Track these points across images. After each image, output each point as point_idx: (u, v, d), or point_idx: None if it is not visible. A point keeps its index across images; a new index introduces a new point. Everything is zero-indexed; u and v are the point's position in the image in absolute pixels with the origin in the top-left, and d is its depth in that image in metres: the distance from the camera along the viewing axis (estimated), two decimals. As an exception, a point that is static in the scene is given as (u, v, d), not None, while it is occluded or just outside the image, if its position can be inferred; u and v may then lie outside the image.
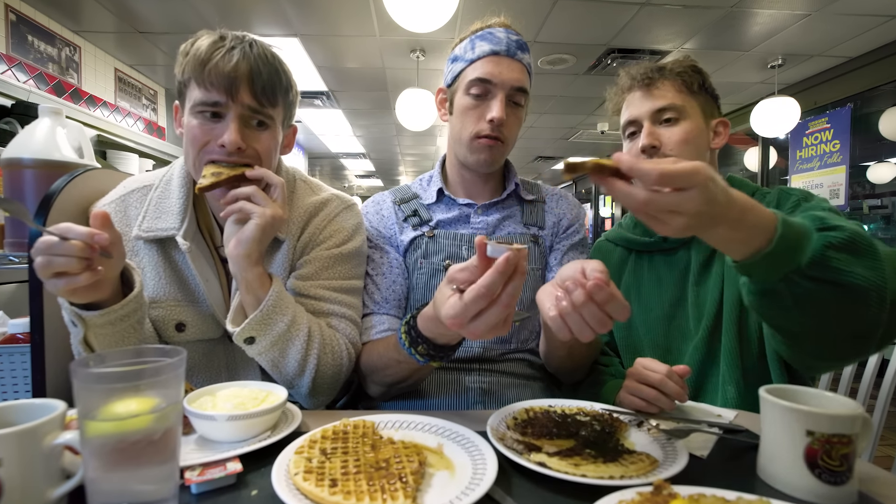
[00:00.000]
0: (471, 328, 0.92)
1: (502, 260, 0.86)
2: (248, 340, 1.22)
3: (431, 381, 1.45)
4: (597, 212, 13.43)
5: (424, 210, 1.59)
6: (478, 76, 1.45)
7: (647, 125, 1.45)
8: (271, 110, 1.29)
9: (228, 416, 0.95)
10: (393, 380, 1.33)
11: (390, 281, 1.51)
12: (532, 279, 1.52)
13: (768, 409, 0.88)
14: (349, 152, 11.30)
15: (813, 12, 4.55)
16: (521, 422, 1.07)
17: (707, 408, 1.24)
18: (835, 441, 0.81)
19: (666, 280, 1.54)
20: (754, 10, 4.53)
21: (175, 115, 1.36)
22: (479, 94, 1.46)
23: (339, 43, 5.32)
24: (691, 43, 5.21)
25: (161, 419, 0.70)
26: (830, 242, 0.93)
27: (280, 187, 1.24)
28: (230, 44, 1.27)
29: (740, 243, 0.93)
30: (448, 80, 1.56)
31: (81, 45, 5.14)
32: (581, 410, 1.15)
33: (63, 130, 1.97)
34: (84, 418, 0.68)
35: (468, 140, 1.49)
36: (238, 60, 1.23)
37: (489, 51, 1.46)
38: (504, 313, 0.90)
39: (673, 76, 1.46)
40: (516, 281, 0.88)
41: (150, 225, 1.34)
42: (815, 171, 6.11)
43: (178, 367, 0.73)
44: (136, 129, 5.93)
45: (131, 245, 1.35)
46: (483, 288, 0.87)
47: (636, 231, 1.63)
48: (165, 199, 1.37)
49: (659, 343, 1.52)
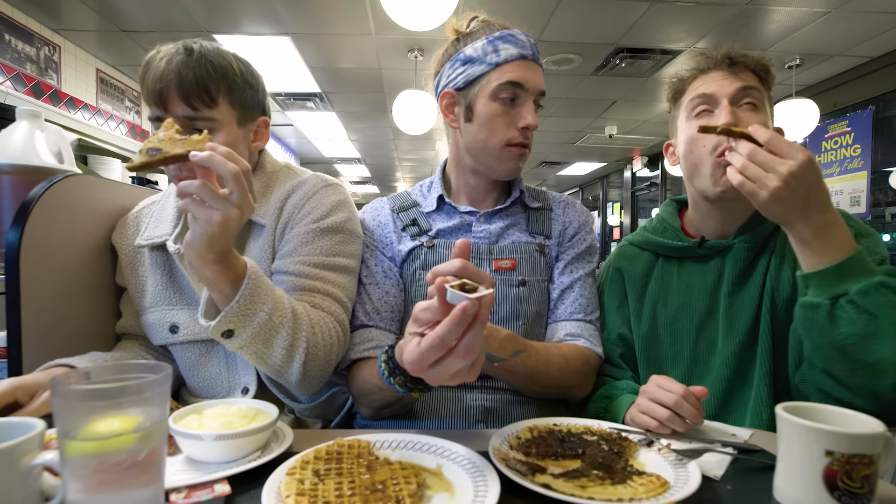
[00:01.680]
0: (430, 375, 0.91)
1: (458, 310, 0.83)
2: (226, 334, 1.17)
3: (430, 399, 1.45)
4: (605, 220, 13.45)
5: (424, 219, 1.58)
6: (510, 80, 1.43)
7: (726, 104, 1.41)
8: (210, 111, 1.32)
9: (216, 436, 0.95)
10: (379, 405, 1.33)
11: (382, 291, 1.51)
12: (537, 291, 1.52)
13: (785, 427, 0.88)
14: (343, 157, 11.33)
15: (832, 10, 4.57)
16: (524, 441, 1.08)
17: (721, 426, 1.24)
18: (855, 461, 0.80)
19: (697, 289, 1.52)
20: (770, 8, 4.55)
21: None
22: (511, 99, 1.45)
23: (333, 42, 5.34)
24: (704, 42, 5.24)
25: (145, 439, 0.70)
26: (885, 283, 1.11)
27: (234, 177, 1.04)
28: (164, 54, 1.29)
29: (818, 249, 1.15)
30: (459, 84, 1.51)
31: (61, 45, 5.16)
32: (588, 429, 1.15)
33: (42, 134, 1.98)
34: (64, 438, 0.68)
35: (497, 149, 1.48)
36: (164, 70, 1.26)
37: (518, 55, 1.45)
38: (463, 363, 0.88)
39: (757, 66, 1.46)
40: (475, 331, 0.86)
41: (149, 233, 1.47)
42: (834, 177, 6.13)
43: (163, 384, 0.74)
44: (118, 132, 5.96)
45: (132, 256, 1.50)
46: (437, 338, 0.85)
47: (667, 235, 1.61)
48: (164, 209, 1.51)
49: (684, 356, 1.51)
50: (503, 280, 1.49)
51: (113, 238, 1.56)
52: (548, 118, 8.12)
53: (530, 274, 1.51)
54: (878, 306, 1.08)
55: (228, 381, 1.46)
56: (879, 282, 1.09)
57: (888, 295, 1.09)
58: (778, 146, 1.12)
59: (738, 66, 1.44)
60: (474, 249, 1.51)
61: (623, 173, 12.07)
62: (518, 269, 1.51)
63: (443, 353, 0.87)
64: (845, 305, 1.11)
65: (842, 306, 1.12)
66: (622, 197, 12.34)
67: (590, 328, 1.52)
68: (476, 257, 1.50)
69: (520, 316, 1.49)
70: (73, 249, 1.47)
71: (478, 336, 0.86)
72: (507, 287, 1.49)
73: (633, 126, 8.66)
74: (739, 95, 1.41)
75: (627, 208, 11.97)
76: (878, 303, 1.08)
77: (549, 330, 1.54)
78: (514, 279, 1.50)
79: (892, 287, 1.10)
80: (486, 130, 1.47)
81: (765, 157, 1.12)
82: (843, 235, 1.13)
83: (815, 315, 1.15)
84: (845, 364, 1.14)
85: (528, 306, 1.49)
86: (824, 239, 1.13)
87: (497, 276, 1.49)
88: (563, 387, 1.42)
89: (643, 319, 1.57)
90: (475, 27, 1.52)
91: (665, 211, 1.69)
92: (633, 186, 11.77)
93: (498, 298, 1.48)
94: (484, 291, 0.86)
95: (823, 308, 1.13)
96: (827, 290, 1.13)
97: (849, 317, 1.11)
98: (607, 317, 1.64)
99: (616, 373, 1.55)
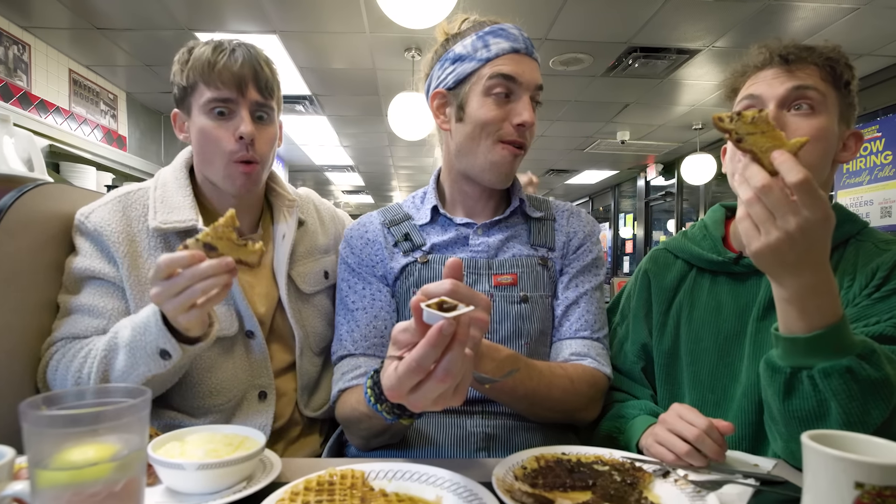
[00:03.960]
0: (411, 401, 0.91)
1: (433, 331, 0.83)
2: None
3: (429, 426, 1.44)
4: (616, 232, 13.45)
5: (417, 233, 1.58)
6: (502, 73, 1.44)
7: (773, 107, 1.34)
8: (273, 102, 1.57)
9: (198, 465, 0.96)
10: (369, 434, 1.34)
11: (371, 316, 1.51)
12: (541, 308, 1.52)
13: (812, 457, 0.88)
14: (335, 165, 11.35)
15: (861, 6, 4.59)
16: (531, 471, 1.08)
17: (743, 456, 1.24)
18: (887, 494, 0.80)
19: (726, 308, 1.49)
20: (795, 4, 4.58)
21: (174, 121, 1.60)
22: (505, 94, 1.45)
23: (324, 41, 5.38)
24: (723, 41, 5.28)
25: (122, 468, 0.70)
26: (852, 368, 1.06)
27: None
28: (230, 46, 1.50)
29: (799, 310, 1.07)
30: (450, 83, 1.52)
31: (31, 43, 5.19)
32: (599, 458, 1.15)
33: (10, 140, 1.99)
34: (35, 467, 0.68)
35: (488, 147, 1.48)
36: (243, 61, 1.49)
37: (509, 48, 1.45)
38: (444, 388, 0.88)
39: (822, 61, 1.35)
40: (453, 352, 0.86)
41: (164, 217, 1.50)
42: (863, 185, 6.15)
43: (142, 409, 0.74)
44: (93, 137, 5.99)
45: (140, 245, 1.50)
46: (413, 362, 0.85)
47: (704, 245, 1.57)
48: (169, 197, 1.55)
49: (702, 379, 1.49)
50: (503, 297, 1.49)
51: (92, 224, 1.46)
52: (555, 123, 8.13)
53: (533, 289, 1.52)
54: (834, 392, 1.06)
55: (250, 380, 1.56)
56: (846, 366, 1.05)
57: (850, 383, 1.05)
58: (803, 193, 0.97)
59: (799, 62, 1.36)
60: (472, 264, 1.51)
61: (636, 182, 12.10)
62: (519, 285, 1.51)
63: (421, 376, 0.87)
64: (804, 380, 1.09)
65: (800, 379, 1.09)
66: (635, 207, 12.37)
67: (597, 347, 1.51)
68: (474, 273, 1.50)
69: (522, 335, 1.48)
70: (45, 265, 1.47)
71: (458, 358, 0.86)
72: (507, 304, 1.49)
73: (646, 131, 8.69)
74: (791, 96, 1.34)
75: (641, 220, 11.97)
76: (837, 389, 1.05)
77: (553, 349, 1.54)
78: (516, 295, 1.49)
79: (858, 374, 1.05)
80: (479, 128, 1.47)
81: (777, 200, 0.99)
82: (830, 301, 1.06)
83: (773, 377, 1.14)
84: (788, 428, 1.14)
85: (530, 324, 1.49)
86: (809, 302, 1.06)
87: (497, 292, 1.49)
88: (568, 410, 1.43)
89: (666, 334, 1.56)
90: (466, 27, 1.54)
91: (710, 217, 1.65)
92: (648, 196, 11.79)
93: (498, 316, 1.48)
94: (463, 309, 0.86)
95: (782, 374, 1.11)
96: (791, 358, 1.10)
97: (804, 391, 1.09)
98: (632, 325, 1.63)
99: (637, 390, 1.55)
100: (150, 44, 5.42)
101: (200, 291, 1.13)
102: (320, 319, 1.71)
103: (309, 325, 1.67)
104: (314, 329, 1.68)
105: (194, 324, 1.23)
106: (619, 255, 13.31)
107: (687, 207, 10.66)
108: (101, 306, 1.44)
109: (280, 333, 1.64)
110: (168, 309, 1.18)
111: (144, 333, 1.24)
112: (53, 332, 1.44)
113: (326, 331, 1.70)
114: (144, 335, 1.24)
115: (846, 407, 1.05)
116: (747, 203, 1.03)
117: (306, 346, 1.65)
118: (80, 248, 1.48)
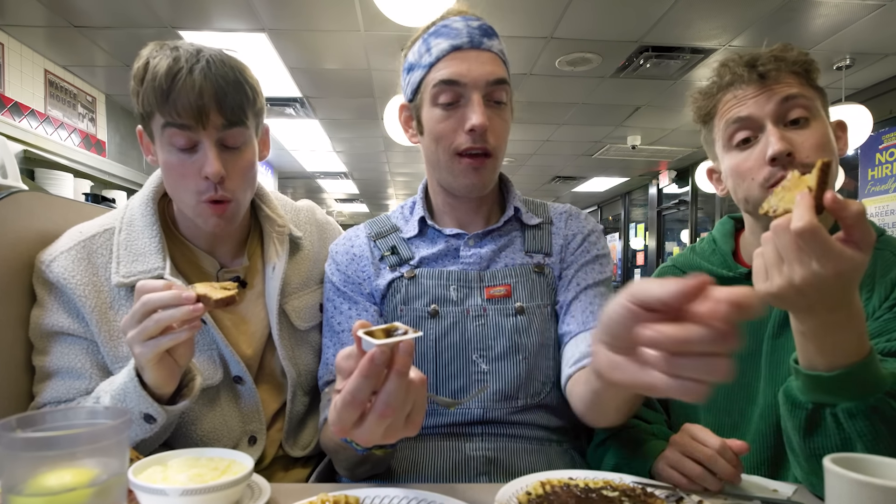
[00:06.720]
0: (357, 436, 0.89)
1: (365, 361, 0.81)
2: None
3: (426, 449, 1.44)
4: (626, 243, 13.43)
5: (404, 246, 1.57)
6: (441, 79, 1.41)
7: (772, 127, 1.34)
8: (246, 123, 1.41)
9: (182, 490, 0.96)
10: (348, 464, 1.33)
11: None
12: (539, 319, 1.50)
13: (834, 481, 0.88)
14: (328, 171, 11.36)
15: (887, 2, 4.60)
16: (535, 497, 1.08)
17: (761, 481, 1.23)
18: (914, 520, 0.81)
19: (739, 326, 1.46)
20: (817, 0, 4.59)
21: (140, 140, 1.47)
22: (449, 103, 1.42)
23: (316, 39, 5.39)
24: (740, 39, 5.30)
25: (101, 494, 0.70)
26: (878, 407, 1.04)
27: None
28: (187, 64, 1.32)
29: (818, 347, 1.04)
30: (409, 95, 1.52)
31: (4, 42, 5.21)
32: (608, 484, 1.15)
33: (-17, 145, 2.00)
34: (8, 493, 0.68)
35: (447, 161, 1.46)
36: (202, 84, 1.31)
37: (448, 47, 1.42)
38: (387, 422, 0.86)
39: (796, 66, 1.38)
40: (391, 384, 0.83)
41: (128, 270, 1.42)
42: (890, 193, 6.16)
43: (122, 431, 0.74)
44: (70, 142, 5.99)
45: (109, 297, 1.43)
46: (348, 395, 0.83)
47: (713, 260, 1.57)
48: (134, 241, 1.45)
49: (717, 402, 1.49)
50: (498, 310, 1.48)
51: (54, 275, 1.40)
52: (561, 127, 8.15)
53: (528, 300, 1.50)
54: (859, 434, 1.05)
55: (242, 427, 1.52)
56: (872, 406, 1.03)
57: (876, 424, 1.04)
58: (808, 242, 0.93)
59: (774, 73, 1.37)
60: (462, 277, 1.51)
61: (648, 190, 12.13)
62: (514, 296, 1.50)
63: (360, 409, 0.85)
64: (827, 417, 1.08)
65: (823, 416, 1.09)
66: (647, 217, 12.38)
67: None
68: (465, 286, 1.50)
69: (519, 350, 1.47)
70: (19, 277, 1.46)
71: (397, 389, 0.84)
72: (502, 318, 1.48)
73: (659, 136, 8.71)
74: (783, 110, 1.36)
75: (653, 230, 11.97)
76: (862, 430, 1.04)
77: (567, 350, 1.48)
78: (510, 307, 1.49)
79: (885, 413, 1.04)
80: (434, 142, 1.46)
81: (786, 244, 0.97)
82: (853, 338, 1.02)
83: (793, 412, 1.13)
84: (808, 463, 1.13)
85: (528, 338, 1.48)
86: (829, 338, 1.03)
87: (490, 305, 1.48)
88: None
89: None
90: (423, 29, 1.52)
91: (719, 230, 1.65)
92: (660, 205, 11.80)
93: (493, 332, 1.47)
94: (402, 336, 0.84)
95: (804, 410, 1.11)
96: (814, 395, 1.08)
97: (827, 429, 1.08)
98: None
99: (649, 415, 1.54)
100: (131, 43, 5.39)
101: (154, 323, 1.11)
102: (314, 357, 1.65)
103: (302, 363, 1.61)
104: (307, 368, 1.62)
105: (164, 376, 1.19)
106: (630, 268, 13.28)
107: (702, 217, 10.66)
108: (79, 367, 1.40)
109: (270, 374, 1.60)
110: (136, 353, 1.15)
111: (124, 400, 1.21)
112: (36, 397, 1.39)
113: None
114: (125, 402, 1.21)
115: (872, 448, 1.03)
116: (763, 240, 1.03)
117: (298, 387, 1.60)
118: (42, 300, 1.42)
